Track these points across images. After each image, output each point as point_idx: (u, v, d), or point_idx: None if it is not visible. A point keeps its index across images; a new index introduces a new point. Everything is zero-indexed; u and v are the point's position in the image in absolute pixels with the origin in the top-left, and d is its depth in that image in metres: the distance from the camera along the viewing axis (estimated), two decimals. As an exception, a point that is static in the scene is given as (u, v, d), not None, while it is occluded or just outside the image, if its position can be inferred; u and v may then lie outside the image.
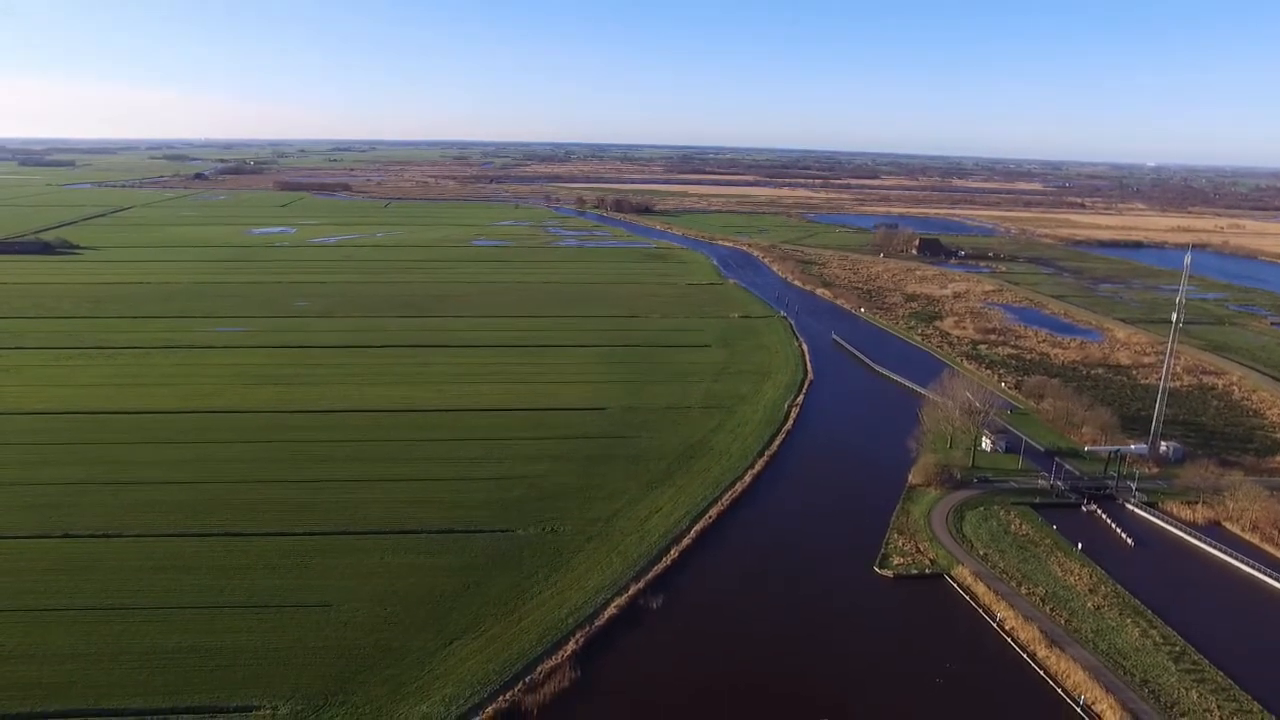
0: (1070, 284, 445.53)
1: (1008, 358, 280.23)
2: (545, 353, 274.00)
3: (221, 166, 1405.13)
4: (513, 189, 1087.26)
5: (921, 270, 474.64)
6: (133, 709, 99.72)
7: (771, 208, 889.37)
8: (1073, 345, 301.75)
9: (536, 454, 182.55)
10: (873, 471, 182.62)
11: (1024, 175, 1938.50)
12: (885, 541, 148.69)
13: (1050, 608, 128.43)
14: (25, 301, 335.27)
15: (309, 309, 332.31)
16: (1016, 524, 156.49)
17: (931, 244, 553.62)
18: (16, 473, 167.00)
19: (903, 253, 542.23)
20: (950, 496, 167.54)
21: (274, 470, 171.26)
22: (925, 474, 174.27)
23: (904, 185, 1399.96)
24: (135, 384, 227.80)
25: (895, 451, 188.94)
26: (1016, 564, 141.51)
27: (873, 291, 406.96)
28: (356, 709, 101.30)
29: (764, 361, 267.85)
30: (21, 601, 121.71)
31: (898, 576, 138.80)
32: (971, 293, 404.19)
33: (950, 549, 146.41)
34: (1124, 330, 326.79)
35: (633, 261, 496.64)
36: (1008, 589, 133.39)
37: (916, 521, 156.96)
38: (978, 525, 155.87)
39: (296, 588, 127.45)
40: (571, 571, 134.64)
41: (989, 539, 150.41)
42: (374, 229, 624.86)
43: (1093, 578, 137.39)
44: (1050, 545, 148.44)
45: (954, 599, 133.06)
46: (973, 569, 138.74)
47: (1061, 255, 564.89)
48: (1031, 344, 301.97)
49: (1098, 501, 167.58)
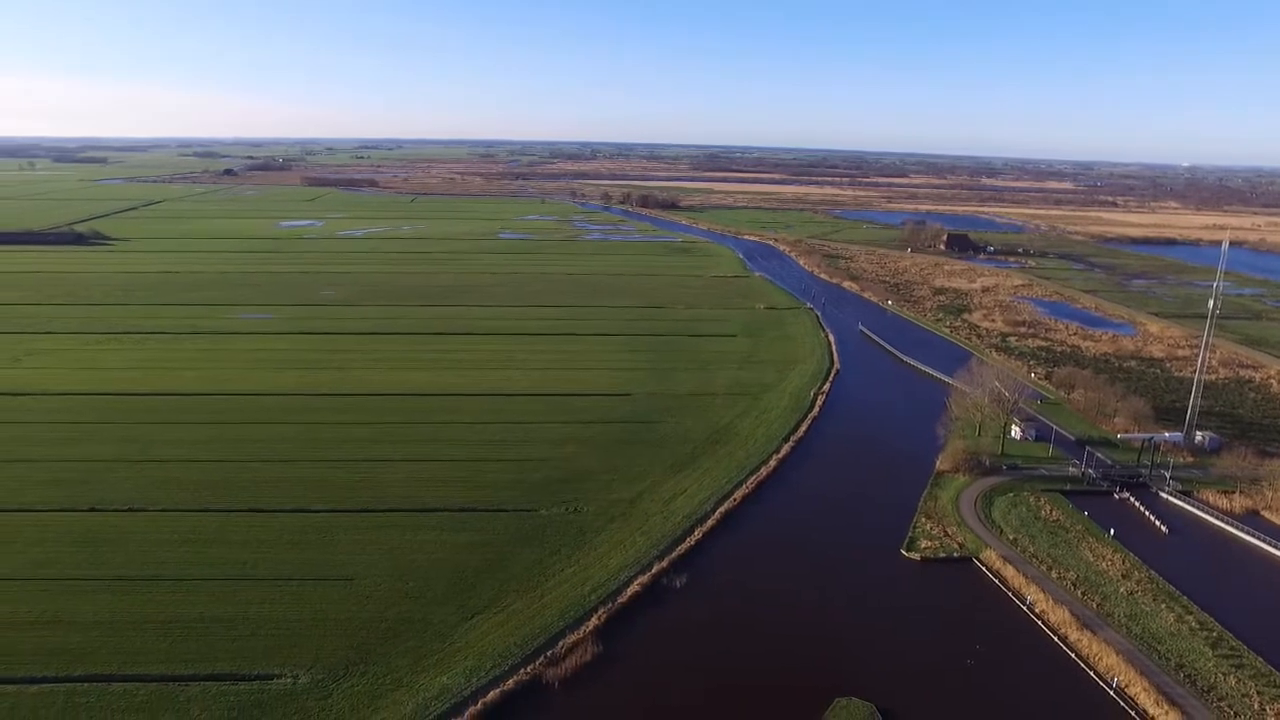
0: (1102, 279, 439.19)
1: (1037, 349, 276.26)
2: (570, 340, 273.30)
3: (250, 163, 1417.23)
4: (538, 185, 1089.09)
5: (950, 265, 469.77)
6: (156, 674, 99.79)
7: (798, 204, 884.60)
8: (1104, 338, 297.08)
9: (560, 437, 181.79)
10: (900, 458, 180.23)
11: (1054, 175, 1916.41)
12: (912, 525, 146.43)
13: (1081, 592, 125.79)
14: (57, 289, 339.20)
15: (335, 298, 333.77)
16: (1047, 510, 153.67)
17: (960, 239, 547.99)
18: (46, 450, 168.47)
19: (930, 248, 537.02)
20: (979, 482, 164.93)
21: (297, 450, 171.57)
22: (953, 460, 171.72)
23: (932, 183, 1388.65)
24: (162, 367, 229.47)
25: (923, 439, 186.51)
26: (1047, 549, 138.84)
27: (900, 285, 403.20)
28: (377, 679, 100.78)
29: (790, 351, 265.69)
30: (49, 571, 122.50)
31: (925, 559, 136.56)
32: (1001, 287, 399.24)
33: (979, 533, 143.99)
34: (1157, 324, 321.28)
35: (658, 254, 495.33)
36: (1038, 572, 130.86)
37: (944, 506, 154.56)
38: (1007, 510, 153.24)
39: (318, 562, 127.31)
40: (594, 550, 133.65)
41: (1018, 524, 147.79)
42: (400, 222, 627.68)
43: (1126, 563, 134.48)
44: (1081, 531, 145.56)
45: (983, 582, 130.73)
46: (1002, 552, 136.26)
47: (1093, 251, 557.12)
48: (1062, 336, 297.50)
49: (1131, 489, 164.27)
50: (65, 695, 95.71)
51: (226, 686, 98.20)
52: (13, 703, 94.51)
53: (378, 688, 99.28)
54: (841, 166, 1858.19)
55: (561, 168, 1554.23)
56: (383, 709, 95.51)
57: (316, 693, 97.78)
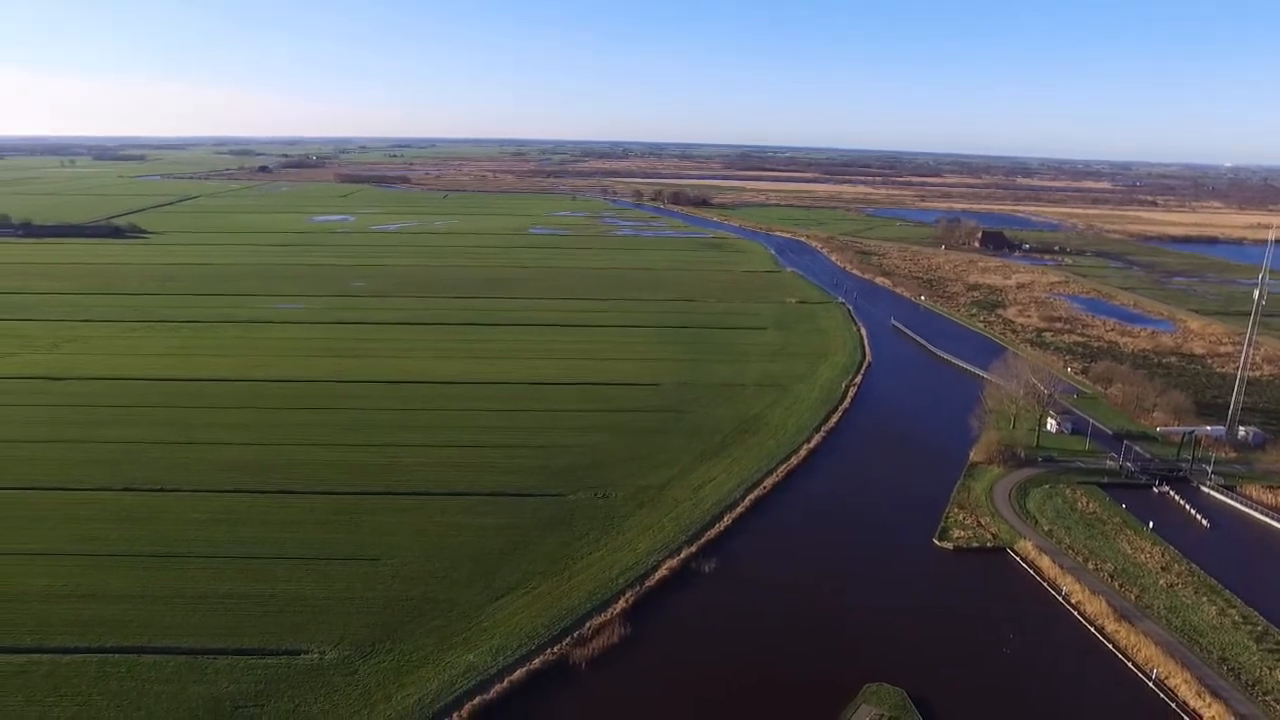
0: (1140, 277, 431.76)
1: (1074, 345, 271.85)
2: (600, 332, 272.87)
3: (284, 161, 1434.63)
4: (570, 183, 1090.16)
5: (984, 262, 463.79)
6: (185, 648, 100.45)
7: (831, 203, 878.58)
8: (1143, 334, 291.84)
9: (590, 425, 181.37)
10: (932, 449, 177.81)
11: (1091, 175, 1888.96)
12: (945, 515, 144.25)
13: (1119, 583, 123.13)
14: (95, 280, 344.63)
15: (367, 289, 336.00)
16: (1083, 502, 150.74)
17: (995, 237, 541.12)
18: (83, 431, 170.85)
19: (965, 245, 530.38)
20: (1013, 474, 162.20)
21: (327, 434, 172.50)
22: (987, 452, 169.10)
23: (966, 183, 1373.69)
24: (196, 354, 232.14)
25: (956, 431, 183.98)
26: (1083, 540, 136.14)
27: (934, 281, 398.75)
28: (403, 656, 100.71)
29: (821, 344, 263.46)
30: (84, 546, 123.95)
31: (958, 549, 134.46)
32: (1036, 283, 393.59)
33: (1013, 524, 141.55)
34: (1198, 321, 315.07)
35: (689, 249, 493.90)
36: (1074, 564, 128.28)
37: (978, 497, 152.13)
38: (1042, 502, 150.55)
39: (346, 542, 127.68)
40: (623, 534, 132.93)
41: (1054, 515, 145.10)
42: (432, 218, 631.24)
43: (1165, 556, 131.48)
44: (1119, 524, 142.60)
45: (1017, 572, 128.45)
46: (1036, 543, 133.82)
47: (1131, 250, 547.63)
48: (1099, 332, 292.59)
49: (1171, 483, 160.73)
50: (98, 665, 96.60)
51: (254, 660, 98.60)
52: (48, 670, 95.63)
53: (404, 664, 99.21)
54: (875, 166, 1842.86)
55: (593, 166, 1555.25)
56: (409, 685, 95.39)
57: (343, 668, 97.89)
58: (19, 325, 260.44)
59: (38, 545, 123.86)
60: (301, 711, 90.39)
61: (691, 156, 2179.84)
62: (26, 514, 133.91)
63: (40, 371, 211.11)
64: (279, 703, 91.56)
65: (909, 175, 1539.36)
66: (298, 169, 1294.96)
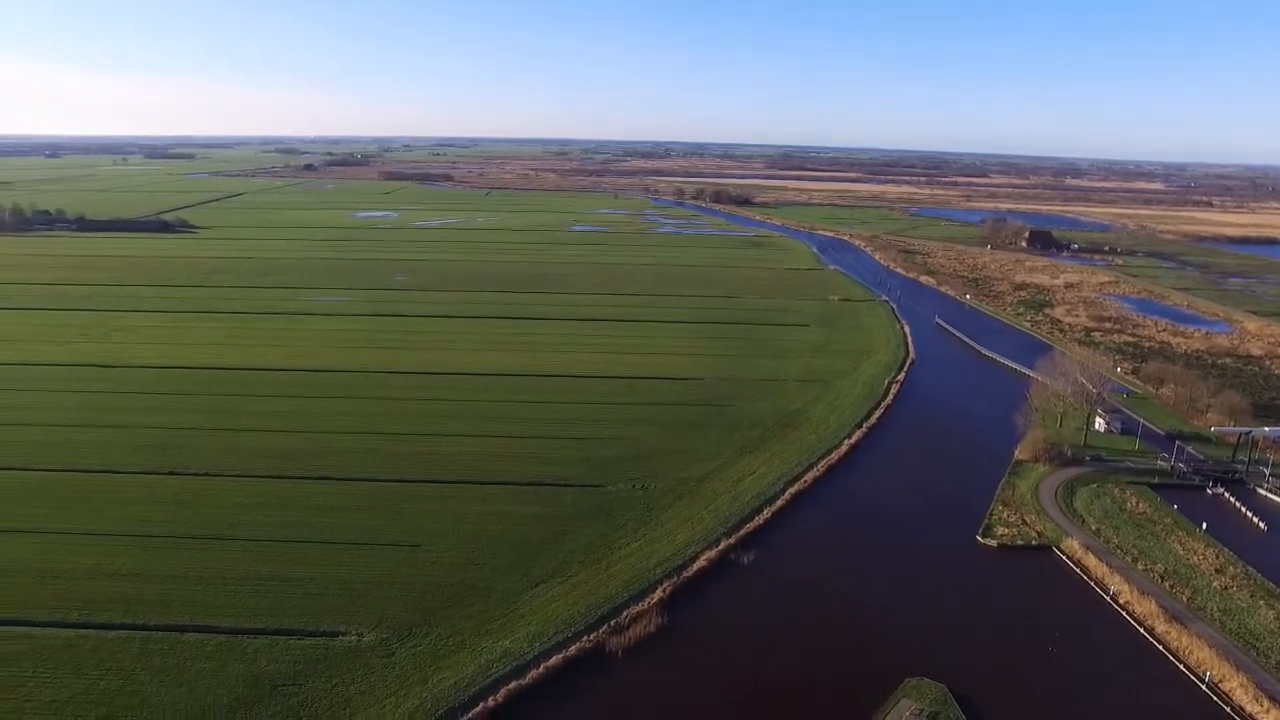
0: (1194, 277, 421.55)
1: (1124, 345, 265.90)
2: (642, 327, 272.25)
3: (330, 159, 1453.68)
4: (612, 181, 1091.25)
5: (1031, 261, 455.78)
6: (226, 627, 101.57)
7: (874, 202, 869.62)
8: (1197, 335, 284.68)
9: (630, 418, 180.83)
10: (976, 447, 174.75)
11: (1143, 175, 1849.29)
12: (989, 513, 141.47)
13: (1170, 584, 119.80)
14: (144, 272, 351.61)
15: (409, 283, 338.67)
16: (1133, 502, 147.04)
17: (1042, 236, 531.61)
18: (130, 417, 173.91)
19: (1011, 245, 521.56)
20: (1060, 473, 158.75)
21: (369, 423, 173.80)
22: (1033, 450, 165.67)
23: (1013, 183, 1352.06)
24: (241, 344, 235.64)
25: (1001, 429, 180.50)
26: (1132, 540, 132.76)
27: (979, 280, 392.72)
28: (440, 640, 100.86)
29: (864, 341, 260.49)
30: (131, 528, 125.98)
31: (1002, 546, 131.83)
32: (1085, 283, 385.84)
33: (1059, 522, 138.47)
34: (1256, 322, 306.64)
35: (731, 247, 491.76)
36: (1122, 563, 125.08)
37: (1023, 495, 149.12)
38: (1090, 501, 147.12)
39: (386, 528, 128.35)
40: (661, 526, 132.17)
41: (1102, 515, 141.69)
42: (474, 214, 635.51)
43: (1219, 558, 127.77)
44: (1170, 524, 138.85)
45: (1063, 571, 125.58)
46: (1084, 542, 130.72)
47: (1185, 250, 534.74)
48: (1150, 333, 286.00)
49: (1225, 485, 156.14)
50: (141, 641, 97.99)
51: (293, 641, 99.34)
52: (95, 645, 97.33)
53: (441, 648, 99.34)
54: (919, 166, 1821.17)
55: (635, 165, 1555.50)
56: (445, 668, 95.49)
57: (380, 650, 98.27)
58: (72, 315, 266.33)
59: (86, 525, 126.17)
60: (338, 691, 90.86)
61: (734, 156, 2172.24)
62: (76, 495, 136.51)
63: (92, 359, 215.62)
64: (316, 682, 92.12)
65: (954, 175, 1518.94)
66: (342, 167, 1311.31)
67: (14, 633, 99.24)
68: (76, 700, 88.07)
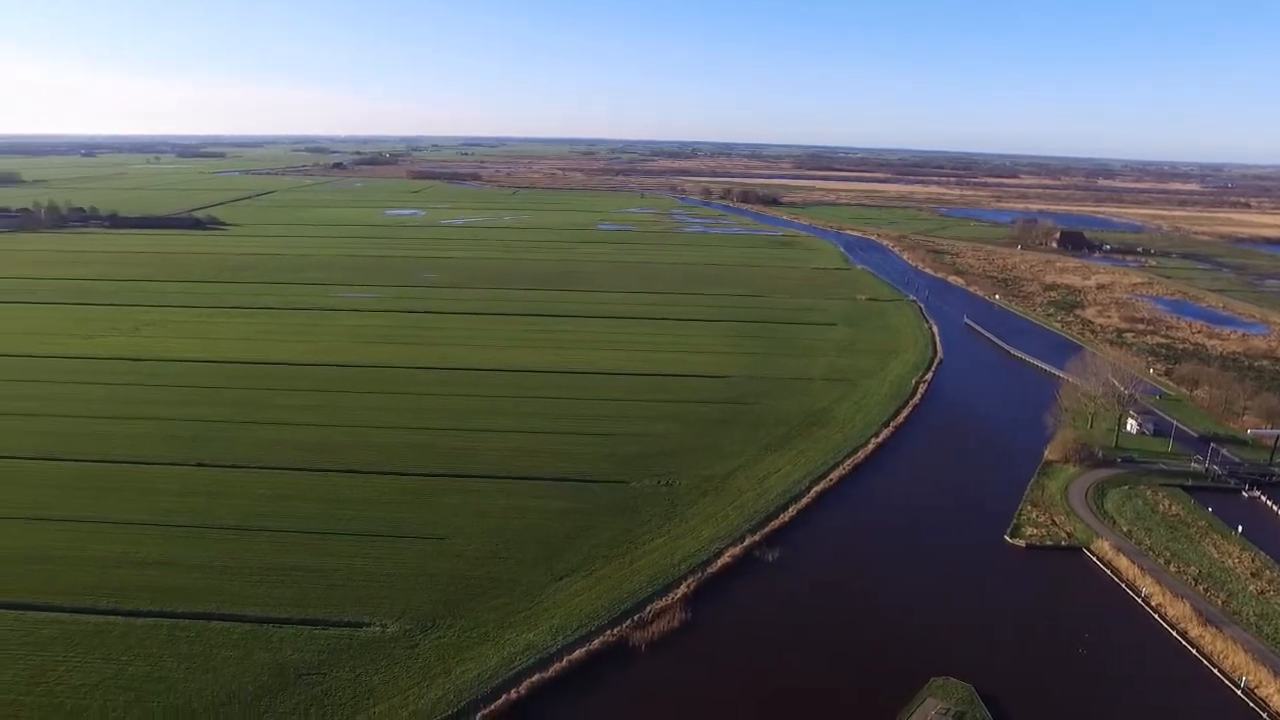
0: (1231, 279, 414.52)
1: (1157, 346, 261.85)
2: (668, 325, 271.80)
3: (358, 158, 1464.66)
4: (639, 181, 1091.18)
5: (1062, 262, 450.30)
6: (252, 615, 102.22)
7: (902, 202, 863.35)
8: (1233, 337, 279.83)
9: (655, 415, 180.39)
10: (1005, 447, 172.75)
11: (1178, 176, 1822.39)
12: (1018, 513, 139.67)
13: (1204, 587, 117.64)
14: (175, 268, 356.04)
15: (437, 280, 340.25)
16: (1165, 504, 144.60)
17: (1074, 237, 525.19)
18: (160, 410, 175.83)
19: (1042, 245, 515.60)
20: (1090, 474, 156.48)
21: (395, 418, 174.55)
22: (1063, 450, 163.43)
23: (1043, 184, 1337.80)
24: (269, 339, 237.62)
25: (1030, 429, 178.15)
26: (1165, 542, 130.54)
27: (1009, 280, 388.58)
28: (464, 632, 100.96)
29: (891, 341, 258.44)
30: (159, 517, 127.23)
31: (1030, 547, 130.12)
32: (1117, 284, 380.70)
33: (1089, 523, 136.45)
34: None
35: (758, 246, 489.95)
36: (1154, 565, 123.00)
37: (1052, 495, 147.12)
38: (1121, 503, 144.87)
39: (410, 521, 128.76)
40: (686, 522, 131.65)
41: (1134, 516, 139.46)
42: (502, 213, 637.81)
43: (1255, 562, 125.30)
44: (1205, 527, 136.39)
45: (1093, 572, 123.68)
46: (1115, 543, 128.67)
47: (1221, 252, 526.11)
48: (1185, 334, 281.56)
49: (1262, 488, 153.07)
50: (169, 629, 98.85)
51: (318, 630, 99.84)
52: (123, 631, 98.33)
53: (464, 640, 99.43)
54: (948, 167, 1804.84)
55: (662, 165, 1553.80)
56: (468, 660, 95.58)
57: (404, 641, 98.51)
58: (103, 309, 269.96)
59: (115, 515, 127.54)
60: (362, 681, 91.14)
61: (761, 156, 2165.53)
62: (106, 485, 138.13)
63: (122, 352, 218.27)
64: (340, 671, 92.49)
65: (984, 176, 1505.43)
66: (371, 166, 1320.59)
67: (45, 618, 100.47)
68: (105, 684, 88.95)
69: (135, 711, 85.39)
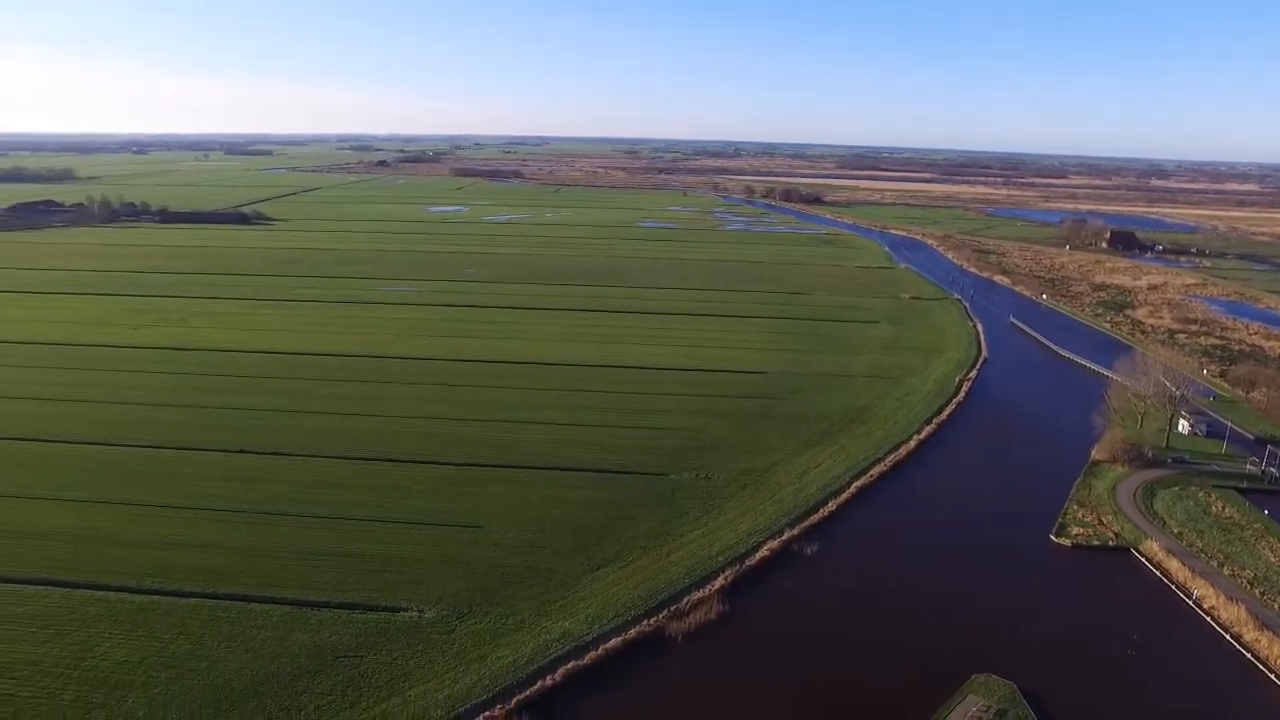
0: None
1: (1211, 347, 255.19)
2: (709, 321, 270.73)
3: (402, 155, 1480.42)
4: (681, 180, 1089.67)
5: (1112, 262, 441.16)
6: (290, 598, 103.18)
7: (948, 202, 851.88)
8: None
9: (695, 409, 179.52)
10: (1050, 446, 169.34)
11: (1236, 177, 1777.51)
12: (1063, 512, 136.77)
13: (1260, 591, 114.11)
14: (223, 261, 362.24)
15: (479, 275, 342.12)
16: (1218, 506, 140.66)
17: (1124, 237, 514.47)
18: (206, 398, 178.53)
19: (1091, 246, 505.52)
20: (1139, 474, 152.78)
21: (436, 409, 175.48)
22: (1111, 450, 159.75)
23: (1093, 184, 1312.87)
24: (313, 331, 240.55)
25: (1076, 429, 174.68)
26: (1218, 545, 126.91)
27: (1056, 280, 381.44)
28: (499, 619, 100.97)
29: (935, 339, 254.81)
30: (203, 502, 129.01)
31: (1076, 546, 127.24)
32: (1170, 285, 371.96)
33: (1138, 524, 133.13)
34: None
35: (801, 244, 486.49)
36: (1207, 568, 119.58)
37: (1099, 495, 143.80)
38: (1171, 504, 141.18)
39: (449, 509, 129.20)
40: (724, 515, 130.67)
41: (1185, 518, 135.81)
42: (544, 210, 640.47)
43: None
44: (1260, 530, 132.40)
45: (1141, 573, 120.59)
46: (1164, 545, 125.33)
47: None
48: (1241, 335, 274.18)
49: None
50: (210, 609, 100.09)
51: (355, 614, 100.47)
52: (166, 610, 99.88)
53: (500, 627, 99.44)
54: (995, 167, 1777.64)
55: (704, 164, 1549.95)
56: (504, 646, 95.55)
57: (441, 627, 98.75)
58: (153, 300, 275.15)
59: (160, 499, 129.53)
60: (398, 664, 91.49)
61: (804, 156, 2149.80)
62: (151, 470, 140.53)
63: (169, 343, 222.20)
64: (377, 655, 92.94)
65: (1032, 176, 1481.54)
66: (414, 163, 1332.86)
67: (92, 596, 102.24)
68: (149, 661, 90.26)
69: (176, 688, 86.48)
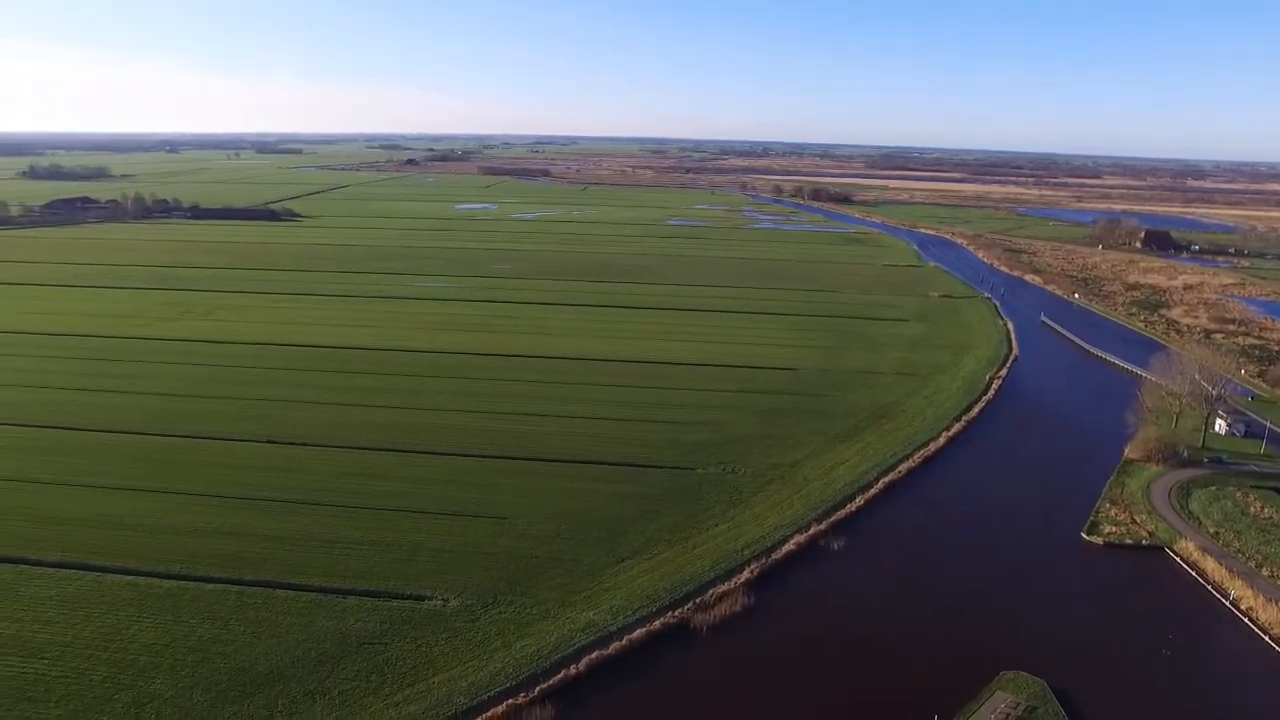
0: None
1: (1249, 347, 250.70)
2: (737, 318, 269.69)
3: (431, 154, 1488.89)
4: (709, 179, 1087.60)
5: (1146, 262, 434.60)
6: (317, 586, 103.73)
7: (978, 202, 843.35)
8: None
9: (723, 404, 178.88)
10: (1082, 444, 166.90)
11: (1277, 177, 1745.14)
12: (1095, 510, 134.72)
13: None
14: (253, 256, 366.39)
15: (507, 271, 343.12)
16: (1257, 506, 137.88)
17: (1159, 237, 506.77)
18: (236, 389, 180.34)
19: (1125, 245, 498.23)
20: (1174, 473, 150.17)
21: (463, 402, 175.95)
22: (1145, 449, 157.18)
23: (1127, 184, 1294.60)
24: (341, 325, 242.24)
25: (1109, 427, 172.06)
26: (1256, 545, 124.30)
27: (1089, 279, 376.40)
28: (524, 609, 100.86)
29: (964, 337, 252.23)
30: (232, 490, 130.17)
31: (1109, 545, 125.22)
32: (1206, 285, 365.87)
33: (1172, 523, 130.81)
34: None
35: (829, 243, 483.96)
36: (1244, 568, 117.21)
37: (1133, 494, 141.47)
38: (1208, 503, 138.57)
39: (475, 500, 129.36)
40: (750, 509, 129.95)
41: (1221, 518, 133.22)
42: (571, 208, 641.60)
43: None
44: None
45: (1175, 572, 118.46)
46: (1200, 544, 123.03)
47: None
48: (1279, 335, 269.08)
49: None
50: (237, 595, 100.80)
51: (380, 602, 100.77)
52: (194, 595, 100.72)
53: (525, 617, 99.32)
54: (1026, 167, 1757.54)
55: (732, 164, 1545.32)
56: (528, 636, 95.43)
57: (465, 615, 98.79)
58: (183, 294, 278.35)
59: (189, 487, 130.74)
60: (422, 652, 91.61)
61: (833, 156, 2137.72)
62: (179, 459, 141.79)
63: (198, 335, 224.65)
64: (402, 642, 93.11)
65: (1064, 176, 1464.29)
66: (443, 162, 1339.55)
67: (121, 581, 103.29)
68: (176, 644, 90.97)
69: (203, 670, 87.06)
